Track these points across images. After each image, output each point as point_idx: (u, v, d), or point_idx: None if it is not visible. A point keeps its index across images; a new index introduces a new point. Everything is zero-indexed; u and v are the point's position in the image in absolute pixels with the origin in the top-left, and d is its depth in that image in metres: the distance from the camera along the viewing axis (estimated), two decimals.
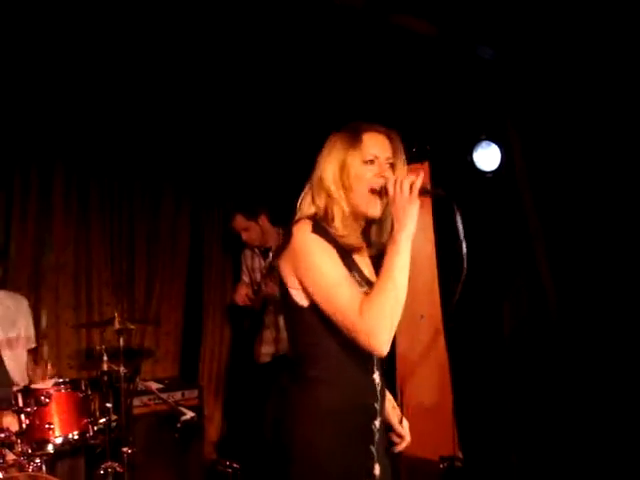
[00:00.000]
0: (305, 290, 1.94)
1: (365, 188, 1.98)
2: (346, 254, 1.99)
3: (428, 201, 4.96)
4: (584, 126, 3.67)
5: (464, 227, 4.27)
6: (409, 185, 1.88)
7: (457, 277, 1.94)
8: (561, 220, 3.86)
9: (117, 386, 4.38)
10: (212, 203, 5.91)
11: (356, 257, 2.06)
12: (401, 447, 2.21)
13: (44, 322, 4.93)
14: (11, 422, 3.57)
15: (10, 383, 3.97)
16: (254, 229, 4.70)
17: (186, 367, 5.70)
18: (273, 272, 4.61)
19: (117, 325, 4.31)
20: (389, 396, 2.24)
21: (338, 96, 4.46)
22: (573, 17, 3.22)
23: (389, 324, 1.84)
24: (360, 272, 2.03)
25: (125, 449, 4.15)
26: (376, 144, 2.01)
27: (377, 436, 2.02)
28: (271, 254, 4.68)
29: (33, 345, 4.39)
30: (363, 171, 1.98)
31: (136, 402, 4.71)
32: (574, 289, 3.85)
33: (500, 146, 4.16)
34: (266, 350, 4.78)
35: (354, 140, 2.00)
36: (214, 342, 5.83)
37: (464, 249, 2.02)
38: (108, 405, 4.22)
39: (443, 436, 5.21)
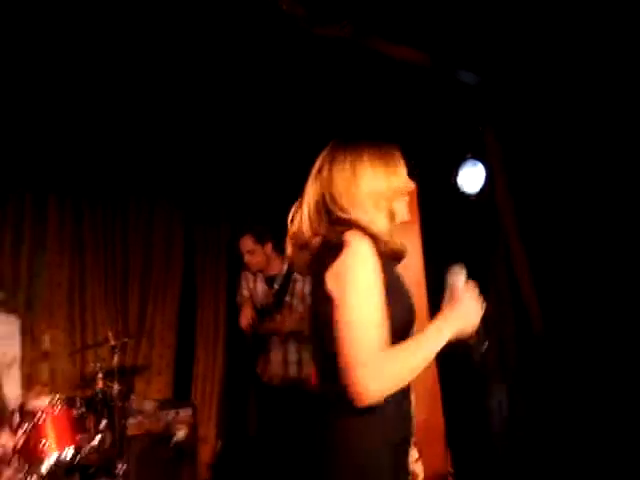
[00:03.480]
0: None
1: (403, 196, 2.04)
2: (391, 264, 1.96)
3: (417, 225, 5.09)
4: (564, 146, 3.79)
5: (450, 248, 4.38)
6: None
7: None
8: (543, 241, 3.97)
9: (111, 405, 4.43)
10: (206, 221, 5.96)
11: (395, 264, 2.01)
12: None
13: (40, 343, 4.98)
14: (7, 440, 3.63)
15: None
16: (258, 254, 4.62)
17: (180, 387, 5.73)
18: (283, 306, 4.65)
19: (112, 341, 4.37)
20: None
21: (328, 118, 4.57)
22: (548, 44, 3.37)
23: (390, 386, 1.75)
24: (403, 279, 1.99)
25: (119, 466, 4.19)
26: (403, 164, 2.07)
27: (407, 466, 1.94)
28: (276, 285, 4.69)
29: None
30: (400, 190, 2.04)
31: (130, 421, 4.73)
32: (557, 308, 3.94)
33: (485, 166, 4.28)
34: (275, 371, 4.68)
35: (392, 153, 2.05)
36: (207, 361, 5.85)
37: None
38: (103, 423, 4.25)
39: (435, 452, 5.26)
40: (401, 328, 1.86)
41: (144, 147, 5.32)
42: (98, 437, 4.14)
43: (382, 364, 1.72)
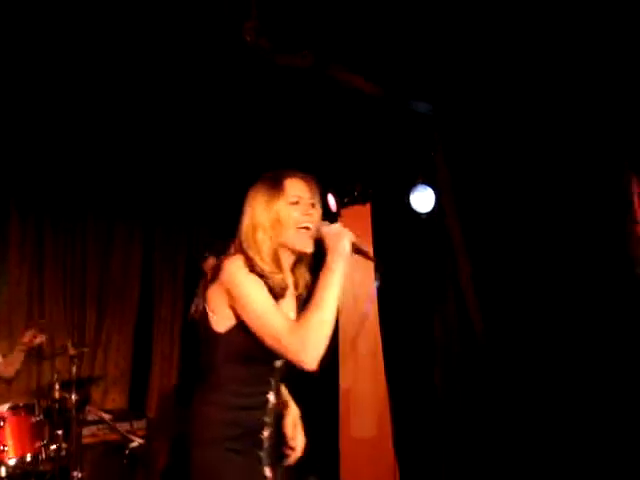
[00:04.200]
0: (229, 315, 2.13)
1: (293, 227, 2.19)
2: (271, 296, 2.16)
3: (371, 242, 5.31)
4: (509, 170, 4.07)
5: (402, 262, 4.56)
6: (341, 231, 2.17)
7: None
8: (487, 257, 4.23)
9: (67, 415, 4.48)
10: (163, 237, 6.10)
11: (280, 301, 2.18)
12: (291, 459, 2.45)
13: None
14: None
15: None
16: None
17: (134, 399, 5.82)
18: None
19: (71, 350, 4.45)
20: (294, 414, 2.54)
21: (287, 147, 4.78)
22: (493, 72, 3.66)
23: (317, 342, 2.01)
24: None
25: (74, 474, 4.25)
26: (297, 187, 2.23)
27: (266, 444, 2.24)
28: None
29: None
30: (289, 212, 2.19)
31: (85, 432, 4.80)
32: (498, 314, 4.19)
33: (434, 189, 4.53)
34: None
35: (277, 186, 2.21)
36: (162, 375, 5.95)
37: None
38: (59, 432, 4.30)
39: (384, 467, 5.42)
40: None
41: (104, 164, 5.42)
42: (54, 446, 4.17)
43: (301, 332, 2.02)
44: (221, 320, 2.15)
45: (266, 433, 2.24)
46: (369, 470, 5.66)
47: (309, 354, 2.01)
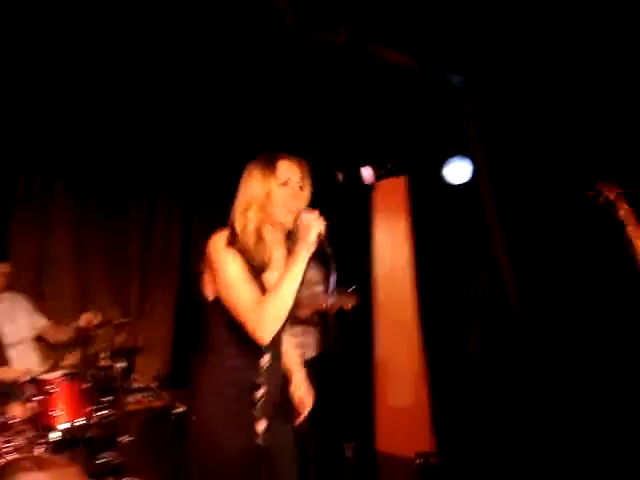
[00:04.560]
0: (213, 286, 2.34)
1: (281, 206, 2.37)
2: (254, 269, 2.34)
3: (406, 214, 5.36)
4: (545, 143, 4.08)
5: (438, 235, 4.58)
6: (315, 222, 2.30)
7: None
8: (522, 230, 4.26)
9: (113, 383, 4.64)
10: (203, 209, 6.22)
11: (266, 273, 2.39)
12: (298, 420, 2.66)
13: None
14: (20, 411, 3.84)
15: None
16: None
17: (176, 368, 5.98)
18: None
19: (116, 321, 4.61)
20: (297, 378, 2.72)
21: (322, 122, 4.84)
22: (526, 47, 3.66)
23: (271, 322, 2.24)
24: (261, 287, 2.36)
25: (121, 438, 4.41)
26: (288, 169, 2.40)
27: (260, 402, 2.40)
28: None
29: (40, 331, 4.66)
30: (280, 192, 2.37)
31: (130, 399, 4.97)
32: (531, 283, 4.23)
33: (469, 161, 4.57)
34: None
35: (270, 166, 2.38)
36: None
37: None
38: (105, 399, 4.46)
39: (419, 434, 5.52)
40: None
41: (146, 144, 5.50)
42: (102, 412, 4.33)
43: (259, 310, 2.24)
44: (210, 288, 2.37)
45: (260, 392, 2.41)
46: (405, 438, 5.77)
47: (263, 330, 2.23)
